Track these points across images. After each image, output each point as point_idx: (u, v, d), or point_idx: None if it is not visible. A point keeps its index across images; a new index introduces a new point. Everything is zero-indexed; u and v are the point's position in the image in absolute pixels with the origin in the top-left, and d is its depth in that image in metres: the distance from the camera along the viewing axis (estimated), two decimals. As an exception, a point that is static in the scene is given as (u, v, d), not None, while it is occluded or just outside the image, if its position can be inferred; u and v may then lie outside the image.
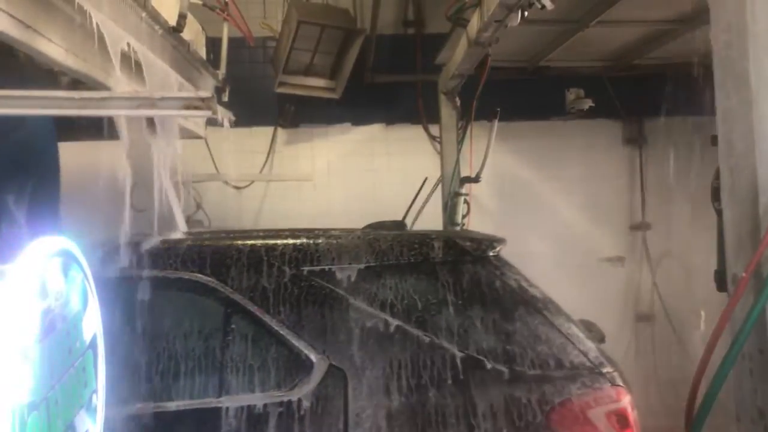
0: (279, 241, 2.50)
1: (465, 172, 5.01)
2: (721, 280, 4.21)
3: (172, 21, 3.19)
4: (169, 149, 2.62)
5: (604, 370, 2.49)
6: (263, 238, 2.67)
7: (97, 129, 2.35)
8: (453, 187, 5.12)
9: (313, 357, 2.28)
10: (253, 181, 5.38)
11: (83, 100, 1.71)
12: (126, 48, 2.40)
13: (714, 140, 1.80)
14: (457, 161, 5.13)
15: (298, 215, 5.49)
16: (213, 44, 4.57)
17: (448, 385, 2.33)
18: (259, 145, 5.49)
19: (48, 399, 1.29)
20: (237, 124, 5.14)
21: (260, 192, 5.42)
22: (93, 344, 1.58)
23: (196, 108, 1.80)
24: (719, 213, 2.01)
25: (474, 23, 3.63)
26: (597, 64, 5.39)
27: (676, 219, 5.68)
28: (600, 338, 2.91)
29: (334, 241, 2.52)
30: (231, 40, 4.55)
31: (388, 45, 5.51)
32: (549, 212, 5.71)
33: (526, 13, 3.07)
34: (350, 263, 2.44)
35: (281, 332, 2.31)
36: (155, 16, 2.95)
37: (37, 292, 1.27)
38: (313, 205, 5.52)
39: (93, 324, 1.58)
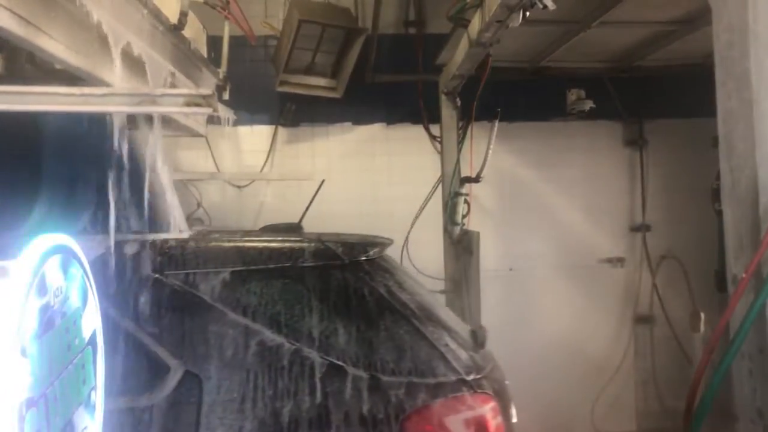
0: (144, 245, 2.44)
1: (465, 172, 5.02)
2: (721, 280, 4.23)
3: (174, 19, 3.19)
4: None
5: (469, 378, 2.47)
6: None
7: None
8: (453, 187, 5.13)
9: (170, 363, 2.25)
10: (253, 180, 5.38)
11: (84, 96, 1.71)
12: (127, 46, 2.40)
13: (714, 141, 1.79)
14: (458, 161, 5.14)
15: (297, 214, 5.48)
16: (214, 43, 4.57)
17: (307, 392, 2.31)
18: (260, 144, 5.49)
19: (47, 396, 1.29)
20: (238, 122, 5.16)
21: (260, 191, 5.42)
22: (92, 341, 1.58)
23: (197, 105, 1.80)
24: (719, 214, 2.01)
25: (475, 23, 3.63)
26: (598, 65, 5.39)
27: (676, 220, 5.69)
28: (480, 344, 2.89)
29: (202, 246, 2.48)
30: (232, 39, 4.55)
31: (390, 45, 5.51)
32: (549, 213, 5.71)
33: (527, 14, 3.07)
34: (215, 268, 2.40)
35: (140, 337, 2.27)
36: (156, 14, 2.95)
37: (36, 288, 1.27)
38: (313, 204, 5.52)
39: (92, 321, 1.58)
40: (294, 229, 4.00)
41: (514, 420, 2.88)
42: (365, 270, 2.66)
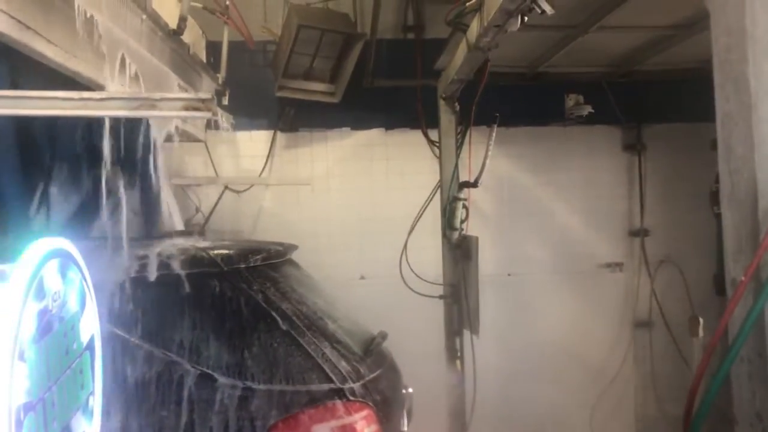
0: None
1: (464, 177, 5.02)
2: (720, 284, 4.22)
3: (173, 24, 3.20)
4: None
5: (345, 386, 2.50)
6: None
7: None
8: (452, 192, 5.12)
9: None
10: (252, 185, 5.37)
11: (82, 101, 1.71)
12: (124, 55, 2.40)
13: (713, 144, 1.80)
14: (456, 166, 5.14)
15: (296, 219, 5.49)
16: (213, 48, 4.58)
17: (176, 401, 2.30)
18: (259, 149, 5.49)
19: (44, 400, 1.28)
20: (237, 127, 5.16)
21: (259, 196, 5.42)
22: (90, 346, 1.58)
23: (195, 109, 1.80)
24: (718, 217, 2.01)
25: (474, 28, 3.63)
26: (596, 70, 5.40)
27: (674, 225, 5.69)
28: (368, 352, 2.88)
29: None
30: (231, 44, 4.56)
31: (388, 49, 5.52)
32: (548, 218, 5.71)
33: (526, 18, 3.08)
34: None
35: None
36: (156, 19, 2.95)
37: (34, 292, 1.26)
38: (311, 209, 5.52)
39: (91, 325, 1.58)
40: (189, 234, 3.91)
41: (404, 429, 2.90)
42: (244, 278, 2.64)
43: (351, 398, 2.50)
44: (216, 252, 2.68)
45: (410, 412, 3.18)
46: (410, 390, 3.25)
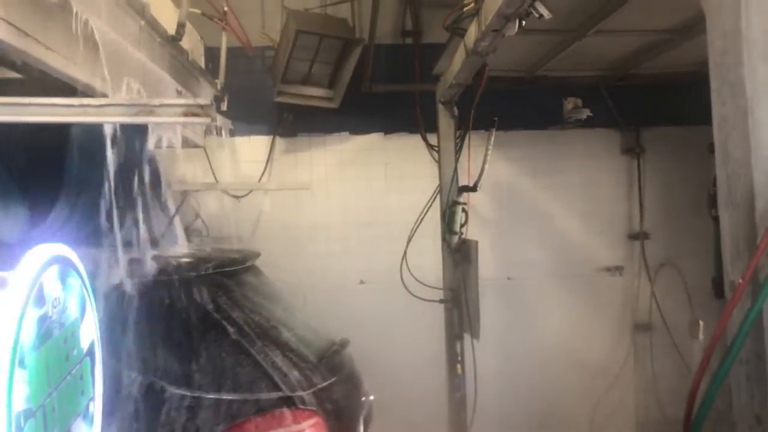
0: None
1: (463, 181, 5.03)
2: (718, 287, 4.22)
3: (171, 30, 3.21)
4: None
5: (294, 395, 2.50)
6: None
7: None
8: (451, 196, 5.13)
9: None
10: (251, 190, 5.38)
11: (82, 107, 1.72)
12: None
13: (711, 148, 1.80)
14: (455, 170, 5.15)
15: (296, 224, 5.49)
16: (212, 54, 4.59)
17: (123, 410, 2.29)
18: (258, 155, 5.50)
19: (45, 407, 1.29)
20: (235, 133, 5.16)
21: (258, 201, 5.43)
22: (91, 352, 1.58)
23: (194, 115, 1.81)
24: (716, 220, 2.01)
25: (472, 33, 3.64)
26: (594, 74, 5.41)
27: (674, 228, 5.69)
28: (322, 360, 2.87)
29: None
30: (230, 50, 4.56)
31: (387, 54, 5.54)
32: (547, 221, 5.71)
33: (523, 23, 3.08)
34: None
35: None
36: (154, 25, 2.96)
37: (34, 298, 1.27)
38: (311, 214, 5.53)
39: (91, 331, 1.58)
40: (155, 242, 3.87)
41: None
42: (194, 286, 2.62)
43: (300, 406, 2.50)
44: (165, 260, 2.66)
45: (369, 420, 3.17)
46: (371, 397, 3.24)
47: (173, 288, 2.57)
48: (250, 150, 5.51)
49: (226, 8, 4.12)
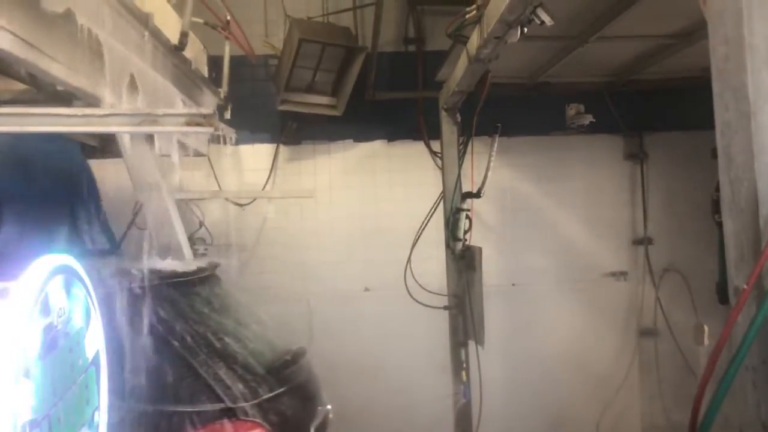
0: None
1: (467, 188, 5.03)
2: (723, 292, 4.20)
3: (175, 39, 3.22)
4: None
5: (235, 406, 2.49)
6: None
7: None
8: (455, 203, 5.13)
9: None
10: (255, 198, 5.39)
11: (86, 117, 1.73)
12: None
13: (714, 153, 1.80)
14: (459, 177, 5.15)
15: (300, 232, 5.50)
16: (215, 63, 4.60)
17: None
18: (262, 162, 5.51)
19: (50, 416, 1.29)
20: (239, 141, 5.17)
21: (263, 209, 5.43)
22: (96, 361, 1.58)
23: (198, 125, 1.81)
24: (720, 225, 2.01)
25: (474, 40, 3.65)
26: (597, 80, 5.41)
27: (678, 233, 5.68)
28: (273, 370, 2.86)
29: None
30: (233, 59, 4.58)
31: (389, 62, 5.55)
32: (551, 227, 5.71)
33: (525, 30, 3.09)
34: None
35: None
36: (157, 35, 2.97)
37: (40, 308, 1.27)
38: (315, 221, 5.53)
39: (96, 341, 1.58)
40: (104, 254, 3.83)
41: None
42: (136, 298, 2.60)
43: (242, 418, 2.50)
44: (109, 271, 2.65)
45: (323, 429, 3.15)
46: (328, 407, 3.23)
47: (116, 299, 2.56)
48: (254, 158, 5.52)
49: (229, 17, 4.14)
